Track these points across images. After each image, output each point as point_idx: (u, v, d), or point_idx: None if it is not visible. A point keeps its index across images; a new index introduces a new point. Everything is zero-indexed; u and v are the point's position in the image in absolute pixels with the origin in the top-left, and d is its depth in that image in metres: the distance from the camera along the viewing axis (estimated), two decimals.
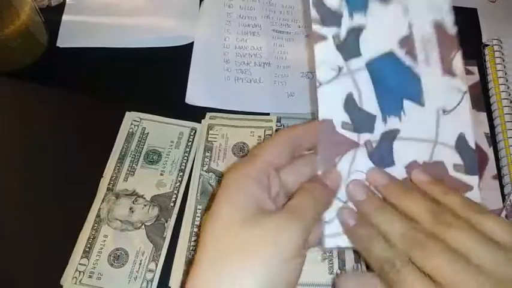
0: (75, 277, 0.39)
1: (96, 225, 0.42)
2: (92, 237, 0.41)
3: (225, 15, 0.56)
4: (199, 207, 0.43)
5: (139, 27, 0.54)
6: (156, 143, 0.46)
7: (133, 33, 0.53)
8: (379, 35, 0.31)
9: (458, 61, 0.31)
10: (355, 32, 0.31)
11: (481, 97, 0.50)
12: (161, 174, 0.45)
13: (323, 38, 0.31)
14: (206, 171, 0.44)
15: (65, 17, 0.54)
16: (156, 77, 0.51)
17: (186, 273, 0.39)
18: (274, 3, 0.57)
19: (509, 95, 0.49)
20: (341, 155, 0.30)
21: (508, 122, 0.47)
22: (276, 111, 0.49)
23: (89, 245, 0.41)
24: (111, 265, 0.40)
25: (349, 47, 0.31)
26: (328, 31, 0.31)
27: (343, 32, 0.31)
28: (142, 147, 0.46)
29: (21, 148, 0.47)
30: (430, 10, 0.32)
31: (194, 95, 0.50)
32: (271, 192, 0.27)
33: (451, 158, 0.31)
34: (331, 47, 0.31)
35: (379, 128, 0.30)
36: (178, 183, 0.44)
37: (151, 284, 0.40)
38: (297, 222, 0.25)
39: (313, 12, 0.31)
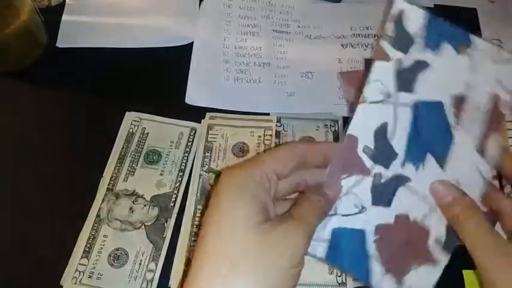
0: (75, 277, 0.39)
1: (96, 225, 0.42)
2: (91, 237, 0.41)
3: (225, 15, 0.56)
4: (199, 207, 0.43)
5: (140, 27, 0.54)
6: (156, 143, 0.46)
7: (134, 33, 0.53)
8: (439, 81, 0.30)
9: (493, 145, 0.30)
10: (419, 67, 0.30)
11: None
12: (161, 174, 0.45)
13: (387, 57, 0.30)
14: (206, 171, 0.45)
15: (64, 17, 0.54)
16: (156, 77, 0.51)
17: (185, 273, 0.39)
18: (273, 3, 0.57)
19: None
20: (349, 174, 0.30)
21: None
22: (276, 111, 0.49)
23: (88, 245, 0.41)
24: (111, 265, 0.40)
25: (406, 78, 0.30)
26: (395, 54, 0.30)
27: (407, 61, 0.30)
28: (142, 147, 0.46)
29: (21, 148, 0.47)
30: (494, 82, 0.30)
31: (194, 95, 0.50)
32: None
33: (437, 230, 0.30)
34: (390, 71, 0.30)
35: (395, 168, 0.30)
36: (178, 183, 0.44)
37: (151, 284, 0.40)
38: (302, 231, 0.26)
39: (390, 28, 0.29)
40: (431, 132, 0.30)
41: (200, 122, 0.48)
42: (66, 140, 0.47)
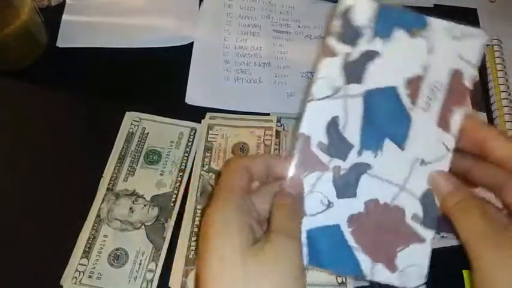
0: (75, 277, 0.39)
1: (96, 225, 0.42)
2: (91, 237, 0.41)
3: (225, 15, 0.56)
4: (199, 207, 0.43)
5: (140, 27, 0.54)
6: (156, 143, 0.46)
7: (133, 33, 0.53)
8: (390, 68, 0.30)
9: (457, 118, 0.30)
10: (367, 57, 0.30)
11: (481, 97, 0.50)
12: (161, 174, 0.45)
13: (333, 54, 0.30)
14: (206, 171, 0.45)
15: (64, 17, 0.54)
16: (156, 77, 0.51)
17: (185, 274, 0.39)
18: (274, 3, 0.57)
19: (509, 95, 0.49)
20: (309, 172, 0.30)
21: (507, 121, 0.47)
22: (276, 111, 0.49)
23: (88, 245, 0.41)
24: (111, 265, 0.40)
25: (354, 70, 0.30)
26: (342, 48, 0.30)
27: (355, 54, 0.30)
28: (142, 147, 0.46)
29: (21, 148, 0.47)
30: (456, 58, 0.30)
31: (194, 95, 0.50)
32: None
33: (412, 207, 0.30)
34: (337, 66, 0.30)
35: (352, 158, 0.30)
36: (178, 183, 0.44)
37: (151, 284, 0.40)
38: (292, 241, 0.26)
39: (337, 25, 0.30)
40: (386, 118, 0.30)
41: (200, 122, 0.48)
42: (66, 140, 0.47)
